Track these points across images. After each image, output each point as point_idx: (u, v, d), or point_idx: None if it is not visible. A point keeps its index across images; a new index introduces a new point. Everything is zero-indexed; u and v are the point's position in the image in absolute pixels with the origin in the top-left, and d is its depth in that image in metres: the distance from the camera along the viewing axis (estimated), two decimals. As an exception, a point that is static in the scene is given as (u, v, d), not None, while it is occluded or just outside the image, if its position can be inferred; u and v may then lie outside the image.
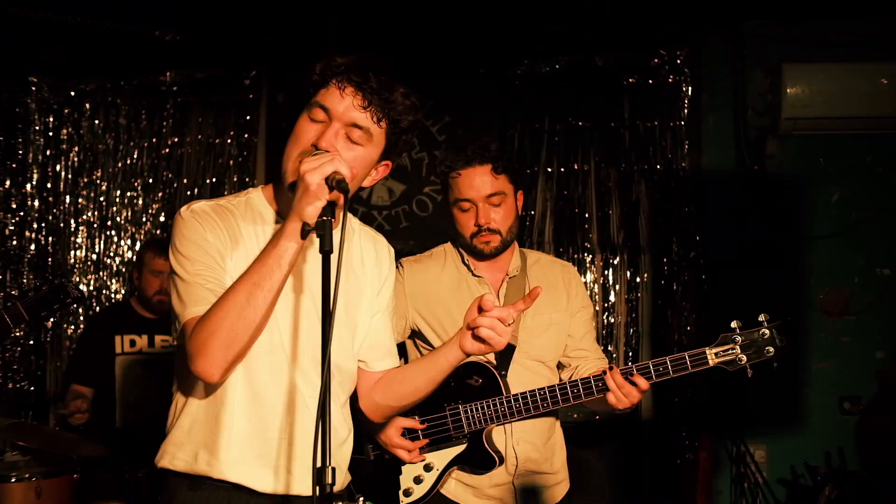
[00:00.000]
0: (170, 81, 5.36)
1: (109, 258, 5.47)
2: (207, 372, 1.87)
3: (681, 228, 4.95)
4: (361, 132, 1.98)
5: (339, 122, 1.96)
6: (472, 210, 2.85)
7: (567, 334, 2.96)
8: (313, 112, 1.98)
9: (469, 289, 2.92)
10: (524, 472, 2.85)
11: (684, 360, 2.64)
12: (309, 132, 1.97)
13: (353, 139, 1.98)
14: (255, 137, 5.38)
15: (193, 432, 2.02)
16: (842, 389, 4.86)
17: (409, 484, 2.85)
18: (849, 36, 4.84)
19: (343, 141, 1.96)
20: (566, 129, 5.14)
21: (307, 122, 1.99)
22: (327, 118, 1.96)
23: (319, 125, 1.97)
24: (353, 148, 1.98)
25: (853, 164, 4.92)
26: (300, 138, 1.97)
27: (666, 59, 4.99)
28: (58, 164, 5.49)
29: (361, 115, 1.97)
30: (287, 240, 1.82)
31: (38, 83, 5.43)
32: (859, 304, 4.88)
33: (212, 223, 2.01)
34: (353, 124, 1.97)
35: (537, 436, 2.89)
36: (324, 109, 1.96)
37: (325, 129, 1.95)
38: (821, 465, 4.69)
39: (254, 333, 1.88)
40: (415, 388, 2.27)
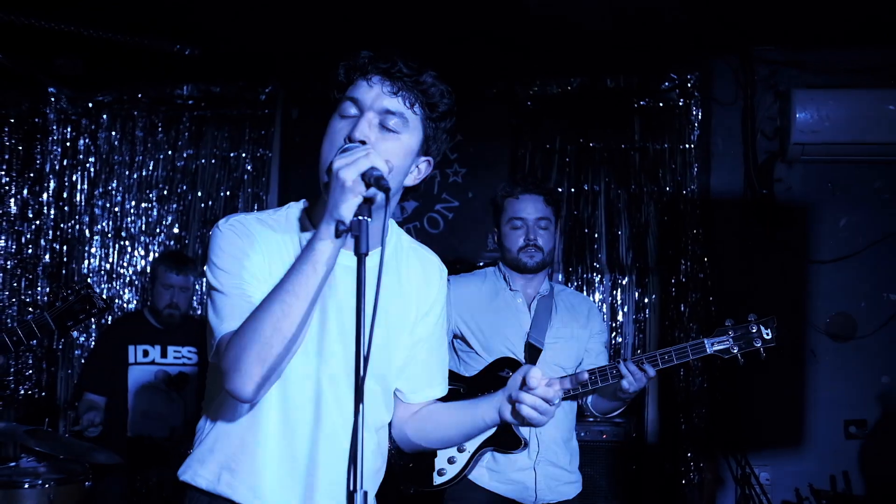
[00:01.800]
0: (186, 95, 5.44)
1: (123, 268, 5.52)
2: (241, 389, 1.76)
3: (689, 250, 4.99)
4: (396, 118, 1.87)
5: (372, 111, 1.86)
6: (522, 228, 3.35)
7: (584, 349, 3.42)
8: (343, 108, 1.89)
9: (505, 300, 3.39)
10: (544, 461, 3.24)
11: (685, 349, 3.13)
12: (342, 129, 1.87)
13: (389, 127, 1.87)
14: (269, 152, 5.46)
15: (218, 451, 1.95)
16: (847, 413, 4.86)
17: (443, 464, 3.20)
18: (857, 62, 4.88)
19: (377, 131, 1.86)
20: (577, 150, 5.20)
21: (338, 119, 1.89)
22: (359, 110, 1.87)
23: (351, 119, 1.87)
24: (388, 137, 1.87)
25: (861, 190, 4.94)
26: (333, 136, 1.88)
27: (676, 83, 5.05)
28: (74, 174, 5.57)
29: (393, 100, 1.87)
30: (321, 242, 1.72)
31: (57, 94, 5.51)
32: (866, 328, 4.89)
33: (250, 237, 1.93)
34: (387, 111, 1.87)
35: (558, 431, 3.29)
36: (354, 101, 1.88)
37: (357, 121, 1.85)
38: (826, 490, 4.70)
39: (289, 346, 1.76)
40: (447, 437, 2.16)
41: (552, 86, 5.17)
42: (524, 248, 3.34)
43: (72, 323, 3.29)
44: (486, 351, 3.31)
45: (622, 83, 5.11)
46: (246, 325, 1.76)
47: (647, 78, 5.08)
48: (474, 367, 3.32)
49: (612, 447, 4.33)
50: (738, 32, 4.84)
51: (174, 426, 4.48)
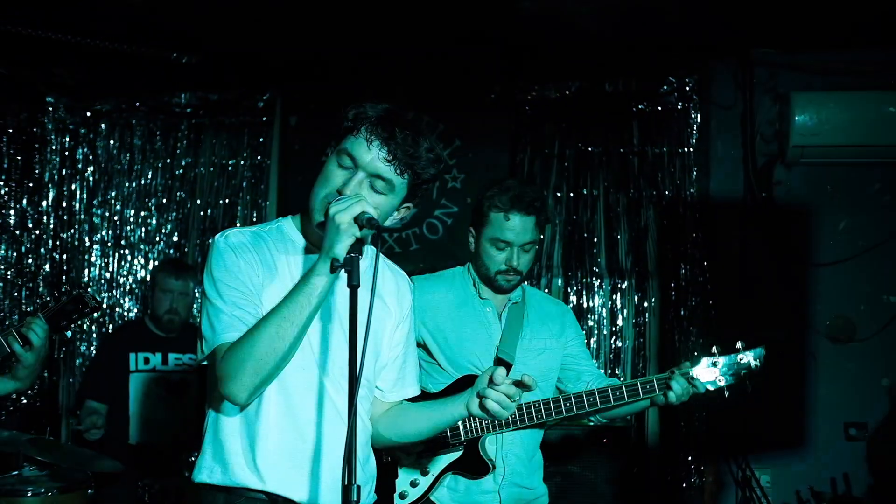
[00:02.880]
0: (184, 103, 5.44)
1: (123, 276, 5.53)
2: (236, 396, 2.00)
3: (688, 254, 4.98)
4: (384, 183, 2.10)
5: (364, 171, 2.08)
6: (506, 250, 3.03)
7: (560, 358, 3.20)
8: (341, 158, 2.10)
9: (474, 309, 3.13)
10: (509, 483, 3.03)
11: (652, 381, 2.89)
12: (336, 177, 2.09)
13: (376, 189, 2.10)
14: (267, 159, 5.46)
15: (229, 445, 2.11)
16: (847, 415, 4.86)
17: (404, 487, 3.01)
18: (857, 65, 4.87)
19: (367, 190, 2.09)
20: (575, 154, 5.18)
21: (335, 166, 2.11)
22: (354, 166, 2.08)
23: (346, 171, 2.09)
24: (375, 196, 2.10)
25: (861, 192, 4.93)
26: (328, 182, 2.10)
27: (675, 87, 5.04)
28: (73, 183, 5.58)
29: (386, 167, 2.08)
30: (318, 277, 1.94)
31: (55, 103, 5.52)
32: (866, 330, 4.88)
33: (247, 252, 2.13)
34: (377, 175, 2.08)
35: (524, 450, 3.10)
36: (351, 157, 2.08)
37: (350, 177, 2.07)
38: (826, 492, 4.70)
39: (281, 363, 2.00)
40: (417, 431, 2.38)
41: (551, 90, 5.16)
42: (504, 272, 3.05)
43: (65, 323, 3.30)
44: (451, 365, 3.06)
45: (621, 87, 5.09)
46: (244, 340, 1.98)
47: (645, 82, 5.07)
48: (439, 382, 3.06)
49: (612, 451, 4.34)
50: (736, 35, 4.84)
51: (176, 433, 4.49)
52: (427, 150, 2.13)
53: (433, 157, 2.15)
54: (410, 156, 2.09)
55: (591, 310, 5.10)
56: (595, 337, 5.08)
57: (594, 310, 5.11)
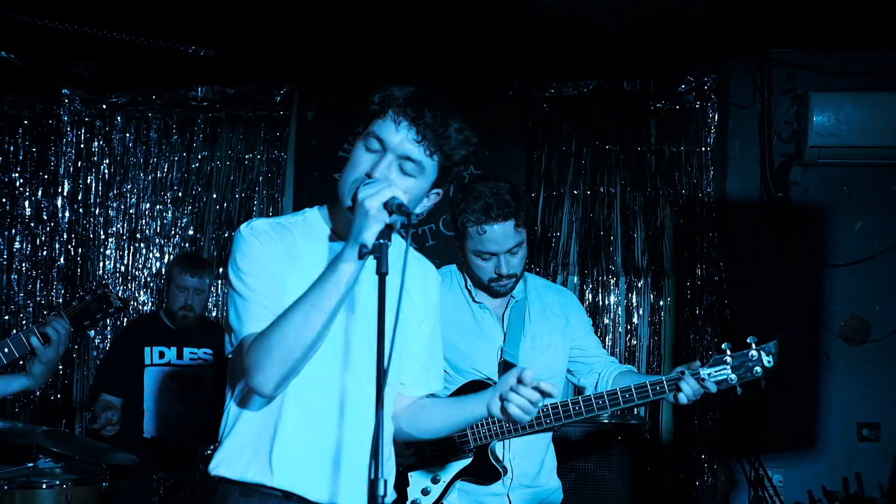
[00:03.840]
0: (201, 97, 5.42)
1: (138, 270, 5.52)
2: (263, 387, 1.95)
3: (704, 253, 4.99)
4: (414, 165, 2.03)
5: (393, 154, 2.01)
6: (492, 260, 2.88)
7: (567, 352, 3.09)
8: (369, 142, 2.04)
9: (472, 315, 3.03)
10: (518, 486, 2.97)
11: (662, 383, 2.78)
12: (364, 161, 2.03)
13: (406, 171, 2.03)
14: (284, 154, 5.45)
15: (247, 440, 2.08)
16: (861, 416, 4.89)
17: (416, 496, 2.96)
18: (875, 65, 4.89)
19: (396, 173, 2.02)
20: (593, 152, 5.18)
21: (363, 150, 2.05)
22: (382, 149, 2.02)
23: (374, 155, 2.03)
24: (405, 179, 2.03)
25: (877, 193, 4.95)
26: (356, 166, 2.04)
27: (693, 86, 5.04)
28: (88, 176, 5.56)
29: (415, 148, 2.02)
30: (345, 263, 1.88)
31: (71, 95, 5.49)
32: (880, 331, 4.91)
33: (271, 242, 2.07)
34: (407, 157, 2.02)
35: (533, 452, 3.02)
36: (379, 140, 2.02)
37: (379, 160, 2.01)
38: (840, 492, 4.71)
39: (308, 352, 1.95)
40: (437, 428, 2.36)
41: (568, 88, 5.16)
42: (496, 280, 2.91)
43: (88, 322, 3.25)
44: (454, 371, 2.96)
45: (638, 85, 5.09)
46: (270, 331, 1.94)
47: (663, 80, 5.07)
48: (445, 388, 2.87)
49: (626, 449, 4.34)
50: (755, 35, 4.84)
51: (190, 427, 4.48)
52: (457, 131, 2.05)
53: (463, 137, 2.07)
54: (440, 136, 2.02)
55: (607, 308, 5.10)
56: (610, 335, 5.09)
57: (610, 308, 5.11)
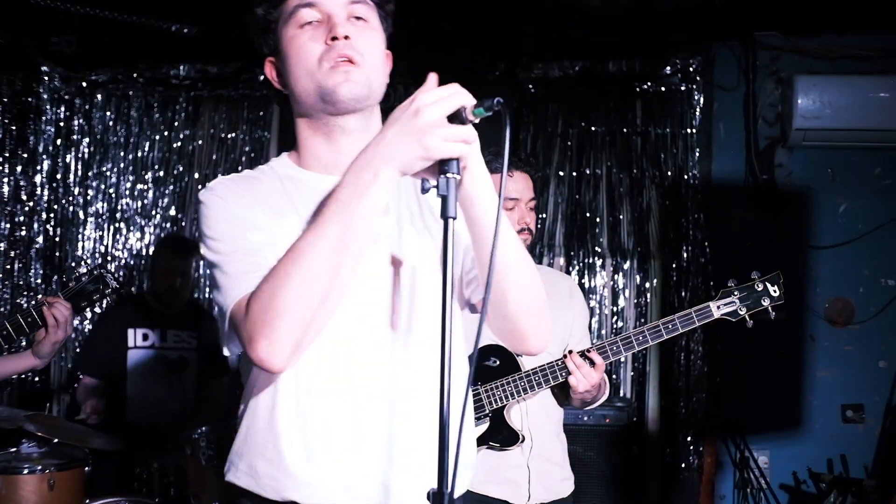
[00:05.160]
0: (183, 75, 5.34)
1: (118, 250, 5.44)
2: (272, 358, 1.49)
3: (690, 235, 5.00)
4: (362, 5, 1.70)
5: (334, 8, 1.67)
6: (515, 209, 2.95)
7: (568, 332, 3.11)
8: (297, 17, 1.67)
9: None
10: (538, 456, 2.96)
11: (690, 316, 2.95)
12: (310, 36, 1.66)
13: (359, 15, 1.69)
14: (267, 133, 5.39)
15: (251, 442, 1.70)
16: (845, 397, 4.92)
17: None
18: (860, 49, 4.91)
19: (352, 25, 1.67)
20: (578, 133, 5.17)
21: (297, 30, 1.67)
22: (317, 15, 1.66)
23: (316, 24, 1.66)
24: (364, 28, 1.69)
25: (861, 176, 4.98)
26: (305, 46, 1.65)
27: (678, 68, 5.03)
28: (68, 154, 5.46)
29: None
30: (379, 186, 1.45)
31: (50, 73, 5.39)
32: (864, 313, 4.94)
33: (236, 193, 1.69)
34: (352, 1, 1.69)
35: (549, 422, 3.04)
36: (308, 6, 1.66)
37: (328, 20, 1.65)
38: (825, 473, 4.75)
39: (330, 308, 1.52)
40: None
41: (554, 69, 5.13)
42: (519, 233, 2.93)
43: (85, 304, 3.28)
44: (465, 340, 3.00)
45: (624, 67, 5.07)
46: (277, 286, 1.48)
47: (649, 62, 5.06)
48: None
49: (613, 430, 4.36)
50: (740, 18, 4.83)
51: (174, 411, 4.43)
52: None
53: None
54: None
55: (593, 290, 5.10)
56: (596, 317, 5.09)
57: (596, 290, 5.11)
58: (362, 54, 1.65)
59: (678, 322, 2.94)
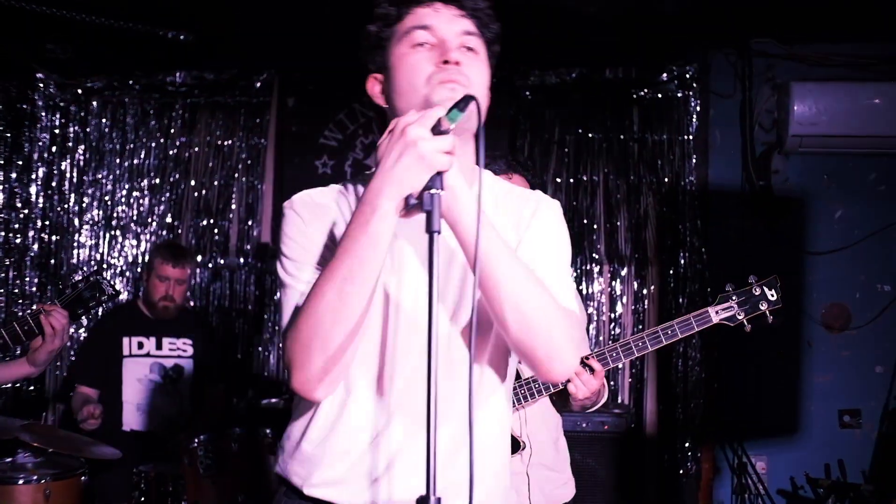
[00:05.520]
0: (179, 82, 5.32)
1: (114, 258, 5.41)
2: (306, 388, 1.61)
3: (687, 241, 5.01)
4: (474, 38, 1.71)
5: (451, 33, 1.68)
6: None
7: None
8: (411, 37, 1.69)
9: None
10: (537, 464, 2.95)
11: (689, 321, 2.98)
12: (421, 58, 1.67)
13: (471, 46, 1.70)
14: (264, 140, 5.37)
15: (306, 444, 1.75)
16: (842, 403, 4.94)
17: None
18: (855, 56, 4.94)
19: (464, 53, 1.68)
20: (575, 140, 5.18)
21: (410, 50, 1.68)
22: (431, 38, 1.68)
23: (428, 46, 1.68)
24: (473, 59, 1.69)
25: (856, 182, 5.01)
26: (416, 66, 1.66)
27: (675, 74, 5.06)
28: (63, 161, 5.43)
29: (465, 21, 1.70)
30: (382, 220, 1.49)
31: (45, 80, 5.37)
32: (860, 319, 4.96)
33: (315, 214, 1.73)
34: (465, 32, 1.70)
35: (547, 429, 3.02)
36: (426, 28, 1.68)
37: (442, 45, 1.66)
38: (823, 478, 4.76)
39: (352, 335, 1.58)
40: None
41: (551, 76, 5.14)
42: None
43: (82, 310, 3.25)
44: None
45: (621, 74, 5.10)
46: (302, 317, 1.58)
47: (645, 69, 5.08)
48: None
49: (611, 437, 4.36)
50: (736, 25, 4.86)
51: (170, 419, 4.40)
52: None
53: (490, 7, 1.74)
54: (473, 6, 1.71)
55: (591, 296, 5.10)
56: (594, 324, 5.09)
57: (593, 296, 5.11)
58: (470, 81, 1.66)
59: (677, 328, 2.97)
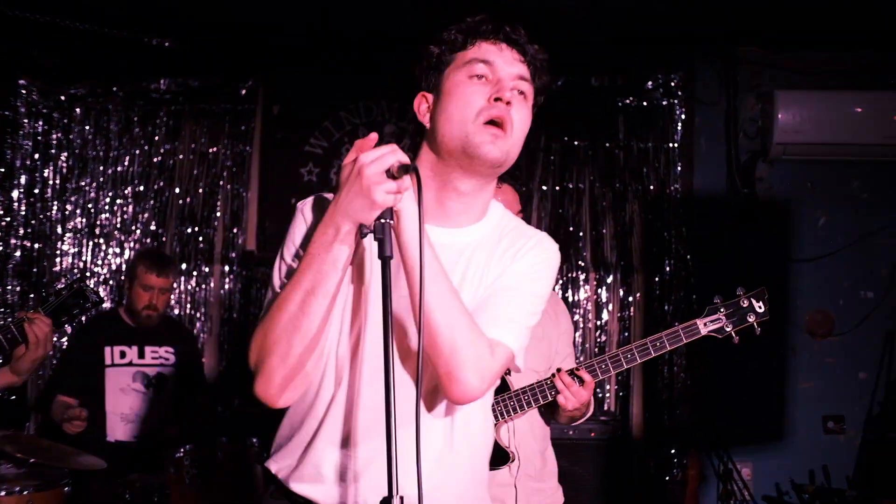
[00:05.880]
0: (163, 89, 5.28)
1: (97, 266, 5.36)
2: (267, 394, 1.70)
3: (672, 249, 5.02)
4: (526, 84, 1.80)
5: (507, 74, 1.77)
6: None
7: (553, 349, 3.13)
8: (472, 68, 1.77)
9: None
10: (524, 476, 2.97)
11: (678, 333, 2.96)
12: (476, 90, 1.75)
13: (522, 90, 1.79)
14: (249, 147, 5.33)
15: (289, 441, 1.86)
16: (826, 409, 4.97)
17: None
18: (839, 65, 4.99)
19: (515, 95, 1.77)
20: (561, 148, 5.18)
21: (467, 80, 1.77)
22: (489, 73, 1.77)
23: (483, 80, 1.77)
24: (521, 103, 1.79)
25: (840, 189, 5.05)
26: (468, 97, 1.75)
27: (660, 83, 5.07)
28: (46, 169, 5.37)
29: (522, 67, 1.80)
30: (340, 242, 1.61)
31: (28, 86, 5.31)
32: (843, 325, 5.00)
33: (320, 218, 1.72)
34: (520, 76, 1.79)
35: (535, 441, 3.05)
36: (486, 64, 1.77)
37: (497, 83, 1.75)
38: (807, 484, 4.78)
39: (310, 345, 1.67)
40: None
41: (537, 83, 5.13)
42: None
43: (66, 318, 3.21)
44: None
45: (607, 82, 5.11)
46: (266, 326, 1.68)
47: (631, 77, 5.10)
48: None
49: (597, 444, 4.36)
50: (721, 34, 4.89)
51: (155, 429, 4.36)
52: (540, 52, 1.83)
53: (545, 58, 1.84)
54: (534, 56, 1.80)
55: (577, 304, 5.10)
56: (580, 331, 5.09)
57: (579, 304, 5.11)
58: (513, 125, 1.76)
59: (665, 339, 2.96)
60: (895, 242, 4.99)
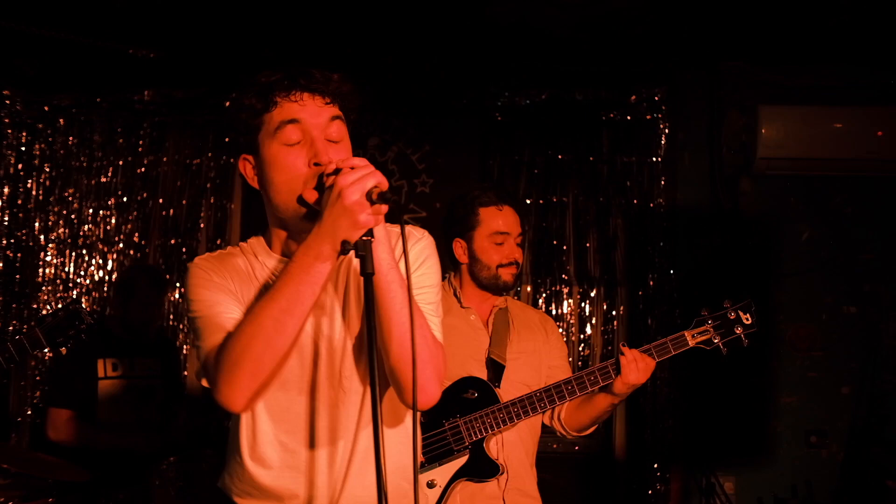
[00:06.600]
0: (147, 100, 5.26)
1: (80, 277, 5.34)
2: (232, 401, 1.77)
3: (656, 263, 5.03)
4: (340, 121, 1.85)
5: (317, 129, 1.81)
6: (504, 244, 3.05)
7: (546, 364, 3.16)
8: (283, 135, 1.80)
9: (460, 318, 3.11)
10: (513, 489, 2.98)
11: (666, 345, 3.00)
12: (295, 158, 1.80)
13: (334, 139, 1.83)
14: (233, 159, 5.33)
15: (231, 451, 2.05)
16: (808, 423, 4.97)
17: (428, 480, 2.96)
18: (821, 80, 5.00)
19: (332, 146, 1.82)
20: (545, 161, 5.19)
21: (285, 150, 1.81)
22: (301, 134, 1.80)
23: (297, 143, 1.81)
24: (342, 150, 1.83)
25: (823, 204, 5.06)
26: (290, 165, 1.80)
27: (644, 97, 5.08)
28: (29, 179, 5.36)
29: (333, 109, 1.84)
30: (322, 262, 1.69)
31: (11, 96, 5.29)
32: (827, 340, 5.00)
33: (216, 266, 1.94)
34: (331, 118, 1.83)
35: (525, 454, 3.06)
36: (293, 122, 1.80)
37: (311, 144, 1.79)
38: (790, 498, 4.79)
39: (281, 361, 1.76)
40: None
41: (521, 98, 5.15)
42: (506, 266, 3.05)
43: (61, 339, 3.23)
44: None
45: (591, 96, 5.11)
46: (236, 339, 1.76)
47: (615, 91, 5.10)
48: None
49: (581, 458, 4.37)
50: (705, 48, 4.90)
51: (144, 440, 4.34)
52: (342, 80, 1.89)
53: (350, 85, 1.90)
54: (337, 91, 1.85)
55: (560, 317, 5.10)
56: (564, 345, 5.09)
57: (563, 317, 5.11)
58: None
59: (654, 351, 2.98)
60: (878, 257, 5.00)
